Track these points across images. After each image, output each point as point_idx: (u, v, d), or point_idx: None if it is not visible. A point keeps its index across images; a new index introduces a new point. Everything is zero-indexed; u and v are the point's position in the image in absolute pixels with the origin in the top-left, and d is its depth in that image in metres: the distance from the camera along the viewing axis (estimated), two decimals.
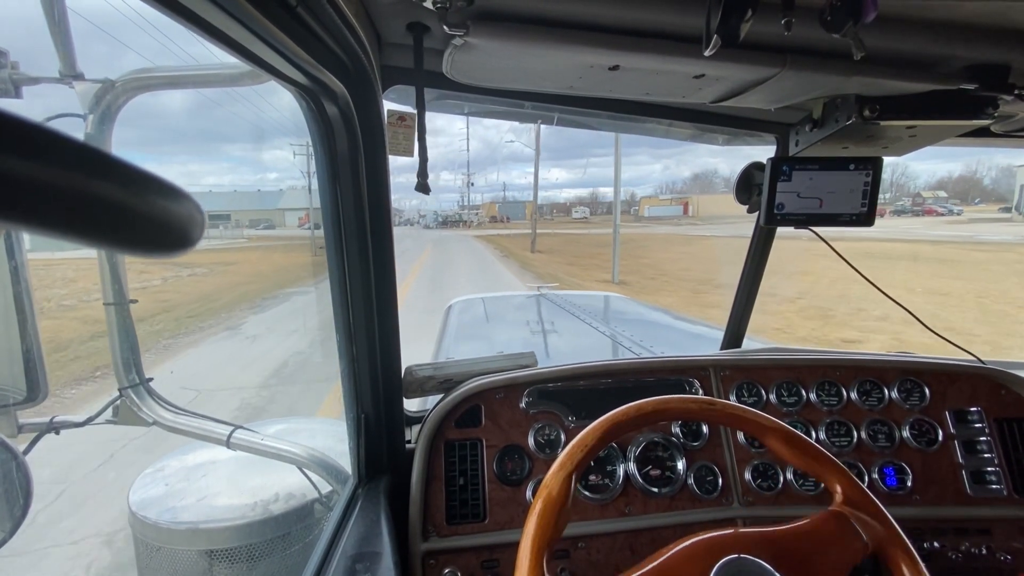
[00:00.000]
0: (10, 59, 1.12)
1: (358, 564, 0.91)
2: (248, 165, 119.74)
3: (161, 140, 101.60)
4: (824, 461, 0.84)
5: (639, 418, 0.83)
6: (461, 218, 49.92)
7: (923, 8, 0.78)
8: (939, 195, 71.99)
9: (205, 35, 0.58)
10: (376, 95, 0.95)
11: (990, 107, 0.96)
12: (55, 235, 0.16)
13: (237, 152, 79.21)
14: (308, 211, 36.82)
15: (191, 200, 0.21)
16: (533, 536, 0.70)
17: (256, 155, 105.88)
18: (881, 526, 0.77)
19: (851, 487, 0.81)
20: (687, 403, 0.86)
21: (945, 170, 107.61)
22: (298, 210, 38.56)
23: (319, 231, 34.31)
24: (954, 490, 1.30)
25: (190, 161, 46.50)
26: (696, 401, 0.87)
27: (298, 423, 2.22)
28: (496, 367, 1.39)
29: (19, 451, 0.96)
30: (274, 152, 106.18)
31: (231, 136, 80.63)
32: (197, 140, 60.72)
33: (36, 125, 0.15)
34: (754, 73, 0.92)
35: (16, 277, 1.09)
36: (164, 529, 1.61)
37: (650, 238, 36.35)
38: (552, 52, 0.86)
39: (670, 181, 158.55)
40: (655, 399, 0.85)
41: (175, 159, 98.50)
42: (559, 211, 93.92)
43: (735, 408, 0.87)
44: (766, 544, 0.73)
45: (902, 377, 1.39)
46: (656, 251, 26.31)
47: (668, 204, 75.74)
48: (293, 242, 29.31)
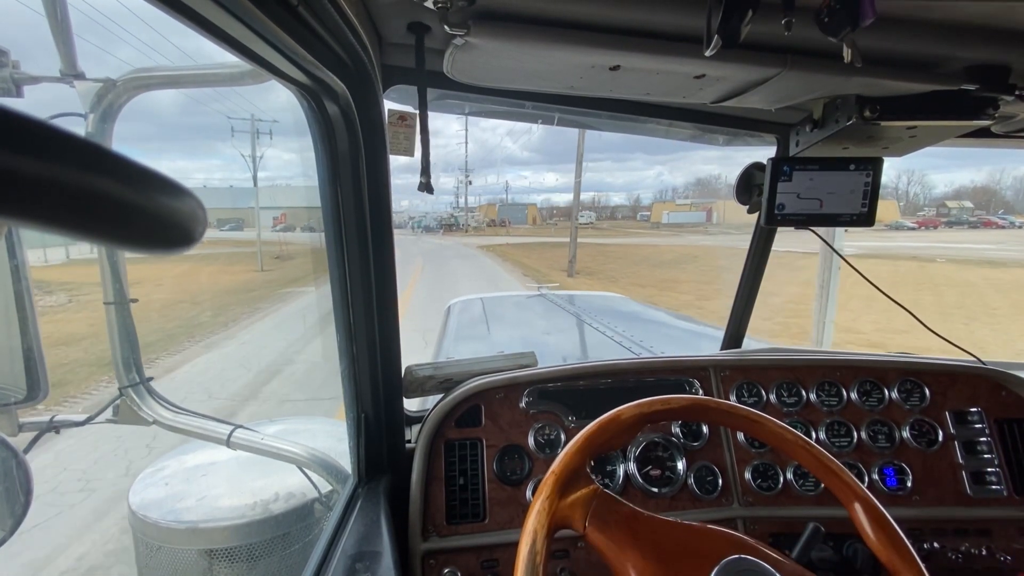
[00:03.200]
0: (11, 58, 1.12)
1: (358, 564, 0.91)
2: (223, 160, 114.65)
3: (146, 136, 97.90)
4: (847, 481, 0.81)
5: (653, 414, 0.84)
6: (456, 221, 40.91)
7: (923, 8, 0.78)
8: (964, 205, 68.20)
9: (206, 34, 0.58)
10: (377, 94, 0.95)
11: (991, 108, 0.97)
12: (58, 231, 0.16)
13: (213, 147, 73.54)
14: (285, 212, 34.49)
15: (193, 197, 0.21)
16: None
17: (231, 150, 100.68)
18: (898, 556, 0.75)
19: (870, 512, 0.78)
20: (706, 403, 0.88)
21: (963, 179, 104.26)
22: (274, 209, 35.40)
23: (291, 233, 29.66)
24: (954, 491, 1.29)
25: (170, 157, 37.15)
26: (716, 404, 0.87)
27: (298, 423, 2.23)
28: (496, 367, 1.39)
29: (19, 450, 0.96)
30: (255, 147, 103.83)
31: (207, 130, 72.87)
32: (176, 133, 52.19)
33: (39, 122, 0.15)
34: (755, 73, 0.92)
35: (17, 276, 1.09)
36: (164, 528, 1.61)
37: (709, 251, 27.24)
38: (553, 52, 0.86)
39: (663, 187, 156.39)
40: (672, 396, 0.86)
41: (163, 157, 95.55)
42: (559, 214, 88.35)
43: (753, 415, 0.86)
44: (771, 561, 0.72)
45: (902, 377, 1.39)
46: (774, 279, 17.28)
47: (688, 209, 66.79)
48: (247, 251, 21.22)
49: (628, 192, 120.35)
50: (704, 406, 0.87)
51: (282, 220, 34.39)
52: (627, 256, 26.92)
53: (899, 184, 76.18)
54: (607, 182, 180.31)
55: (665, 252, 21.99)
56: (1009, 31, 0.83)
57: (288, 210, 35.94)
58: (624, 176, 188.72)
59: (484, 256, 25.38)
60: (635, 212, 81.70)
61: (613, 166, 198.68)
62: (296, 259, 20.43)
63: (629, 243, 35.51)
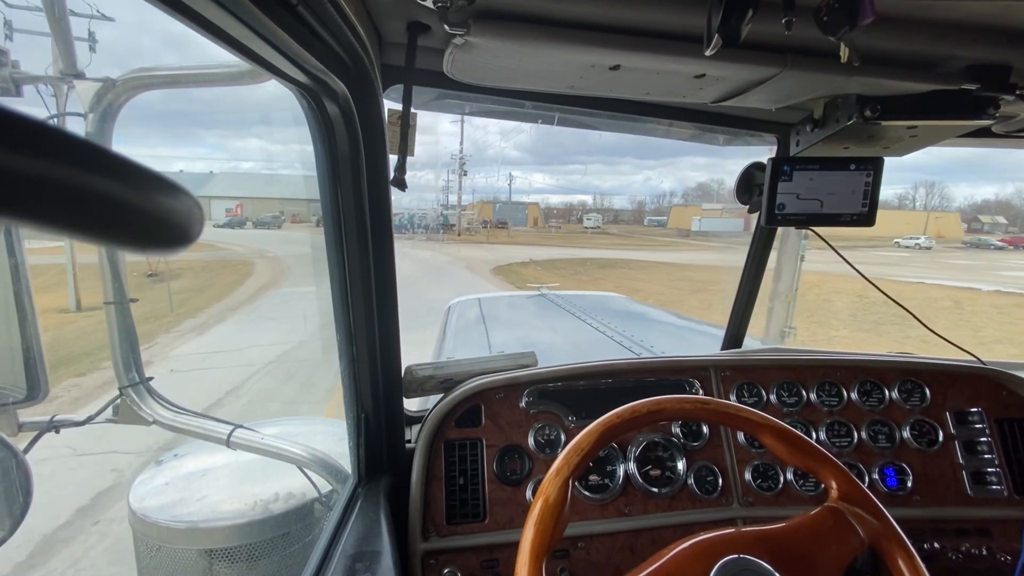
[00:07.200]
0: (10, 58, 1.12)
1: (358, 563, 0.91)
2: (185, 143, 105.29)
3: None
4: (819, 457, 0.85)
5: (634, 419, 0.84)
6: (447, 220, 28.70)
7: (923, 8, 0.78)
8: (998, 221, 64.61)
9: (206, 33, 0.58)
10: (377, 94, 0.95)
11: (991, 107, 0.96)
12: (56, 231, 0.16)
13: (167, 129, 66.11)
14: (241, 202, 28.10)
15: (190, 197, 0.21)
16: (531, 542, 0.70)
17: (192, 132, 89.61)
18: (877, 521, 0.78)
19: (846, 482, 0.82)
20: (682, 403, 0.86)
21: (986, 193, 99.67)
22: (228, 199, 28.96)
23: (234, 230, 22.90)
24: (954, 491, 1.29)
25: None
26: (691, 401, 0.87)
27: (298, 424, 2.23)
28: (496, 367, 1.39)
29: (19, 450, 0.96)
30: (216, 131, 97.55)
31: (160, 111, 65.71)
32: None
33: (38, 122, 0.15)
34: (755, 73, 0.92)
35: (16, 275, 1.09)
36: (164, 528, 1.61)
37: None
38: (553, 51, 0.86)
39: (652, 192, 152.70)
40: (650, 400, 0.85)
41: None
42: (557, 215, 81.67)
43: (729, 406, 0.87)
44: (764, 543, 0.73)
45: (902, 378, 1.39)
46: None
47: (718, 215, 53.00)
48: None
49: (612, 196, 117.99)
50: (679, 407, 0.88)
51: (237, 212, 27.95)
52: (704, 285, 15.39)
53: (916, 196, 72.29)
54: (594, 185, 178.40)
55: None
56: (1009, 31, 0.83)
57: (247, 200, 29.79)
58: (613, 180, 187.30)
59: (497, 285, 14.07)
60: (641, 216, 76.79)
61: (604, 168, 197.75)
62: (184, 278, 11.39)
63: (687, 263, 22.65)
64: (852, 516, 0.78)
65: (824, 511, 0.79)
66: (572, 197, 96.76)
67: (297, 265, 13.71)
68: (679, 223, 61.08)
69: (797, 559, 0.72)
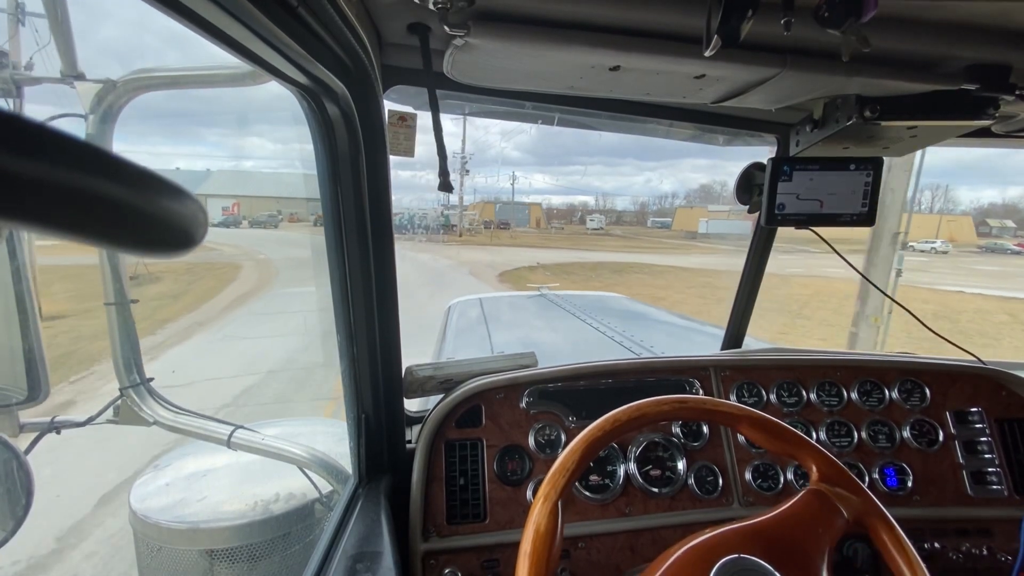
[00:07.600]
0: (11, 59, 1.12)
1: (359, 564, 0.91)
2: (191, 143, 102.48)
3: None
4: (796, 442, 0.86)
5: (616, 429, 0.83)
6: (448, 220, 27.73)
7: (923, 8, 0.78)
8: (1006, 224, 58.99)
9: (206, 35, 0.58)
10: (377, 95, 0.95)
11: (991, 107, 0.96)
12: (59, 235, 0.16)
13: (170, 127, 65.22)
14: (237, 201, 27.70)
15: (194, 200, 0.21)
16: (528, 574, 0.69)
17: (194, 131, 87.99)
18: (857, 497, 0.79)
19: (825, 464, 0.83)
20: (661, 405, 0.86)
21: (989, 196, 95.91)
22: (225, 198, 28.28)
23: (230, 229, 22.69)
24: (955, 490, 1.29)
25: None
26: (669, 402, 0.87)
27: (299, 424, 2.23)
28: (496, 367, 1.39)
29: (20, 450, 0.96)
30: (216, 130, 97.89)
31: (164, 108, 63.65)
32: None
33: (40, 125, 0.15)
34: (755, 73, 0.92)
35: (18, 277, 1.09)
36: (165, 528, 1.61)
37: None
38: (553, 52, 0.86)
39: (652, 194, 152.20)
40: (630, 406, 0.85)
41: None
42: (558, 216, 79.69)
43: (706, 402, 0.88)
44: (757, 537, 0.73)
45: (902, 378, 1.39)
46: None
47: (725, 217, 50.42)
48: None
49: (615, 197, 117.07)
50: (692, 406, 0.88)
51: (233, 211, 27.48)
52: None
53: (922, 199, 70.42)
54: (595, 186, 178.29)
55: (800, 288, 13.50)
56: (1009, 31, 0.83)
57: (245, 199, 29.25)
58: (614, 181, 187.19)
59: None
60: (643, 218, 75.38)
61: (605, 169, 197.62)
62: (164, 282, 10.51)
63: (703, 267, 21.93)
64: (834, 496, 0.79)
65: (808, 494, 0.80)
66: (573, 198, 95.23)
67: (286, 270, 13.20)
68: (685, 225, 60.17)
69: (788, 548, 0.73)
